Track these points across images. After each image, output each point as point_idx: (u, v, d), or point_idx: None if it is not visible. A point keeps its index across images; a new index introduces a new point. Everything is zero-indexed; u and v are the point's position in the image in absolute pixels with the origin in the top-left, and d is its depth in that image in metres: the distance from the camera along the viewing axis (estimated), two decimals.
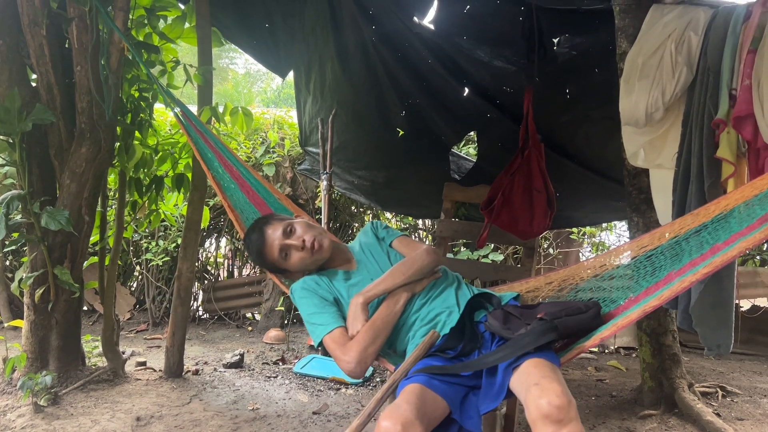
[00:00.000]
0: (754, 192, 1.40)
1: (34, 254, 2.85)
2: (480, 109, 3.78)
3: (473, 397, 1.62)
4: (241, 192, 2.39)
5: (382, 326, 1.76)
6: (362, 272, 1.98)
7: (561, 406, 1.34)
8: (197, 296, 5.14)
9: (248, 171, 2.45)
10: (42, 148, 2.90)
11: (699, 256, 1.50)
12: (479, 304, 1.88)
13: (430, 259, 1.91)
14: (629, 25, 2.65)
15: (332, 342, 1.74)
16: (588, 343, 1.61)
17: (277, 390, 3.25)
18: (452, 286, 1.92)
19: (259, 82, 19.74)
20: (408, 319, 1.83)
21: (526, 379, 1.45)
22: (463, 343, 1.72)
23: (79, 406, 2.76)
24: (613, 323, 1.63)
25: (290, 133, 5.21)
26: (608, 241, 5.34)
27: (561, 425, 1.33)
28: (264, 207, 2.39)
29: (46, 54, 2.77)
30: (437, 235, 3.91)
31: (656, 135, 2.49)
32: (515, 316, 1.71)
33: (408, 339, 1.83)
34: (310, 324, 1.83)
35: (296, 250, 1.95)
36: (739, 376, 3.64)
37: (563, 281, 2.00)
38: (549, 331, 1.56)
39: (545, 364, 1.49)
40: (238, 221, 2.30)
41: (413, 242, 2.09)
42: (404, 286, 1.85)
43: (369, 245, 2.08)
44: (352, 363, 1.68)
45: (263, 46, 3.78)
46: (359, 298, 1.80)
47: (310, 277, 1.96)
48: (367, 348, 1.70)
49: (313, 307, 1.84)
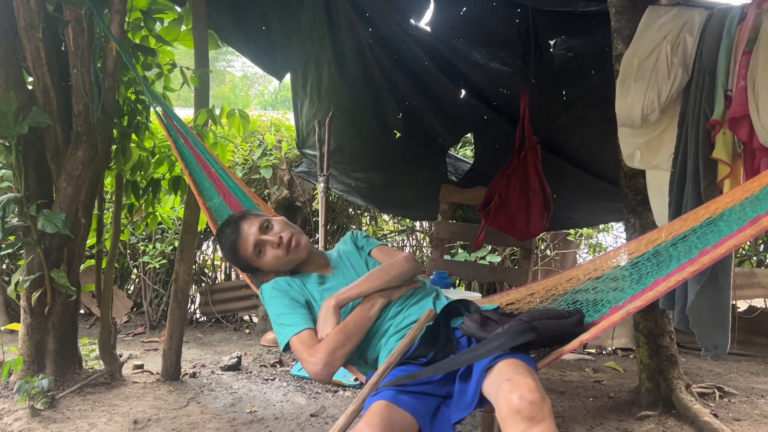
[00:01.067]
0: (745, 194, 1.38)
1: (31, 257, 2.85)
2: (476, 111, 3.79)
3: (445, 409, 1.53)
4: (218, 193, 2.39)
5: (354, 330, 1.69)
6: (338, 277, 1.91)
7: (534, 401, 1.25)
8: (194, 299, 5.13)
9: (227, 173, 2.45)
10: (38, 151, 2.90)
11: (687, 261, 1.46)
12: (457, 311, 1.78)
13: (409, 266, 1.85)
14: (625, 27, 2.66)
15: (299, 343, 1.66)
16: (566, 347, 1.52)
17: (275, 392, 3.24)
18: (430, 296, 1.86)
19: (257, 85, 19.75)
20: (382, 326, 1.76)
21: (499, 378, 1.37)
22: (436, 349, 1.63)
23: (76, 409, 2.75)
24: (594, 328, 1.54)
25: (287, 136, 5.21)
26: (605, 242, 5.35)
27: (533, 423, 1.24)
28: (239, 210, 2.38)
29: (43, 57, 2.77)
30: (434, 237, 3.92)
31: (652, 136, 2.49)
32: (493, 320, 1.64)
33: (380, 345, 1.75)
34: (277, 325, 1.74)
35: (272, 247, 1.88)
36: (737, 377, 3.65)
37: (546, 292, 1.92)
38: (527, 331, 1.46)
39: (520, 363, 1.40)
40: (212, 220, 2.28)
41: (393, 251, 2.03)
42: (381, 291, 1.78)
43: (347, 253, 2.02)
44: (318, 365, 1.61)
45: (260, 48, 3.79)
46: (332, 301, 1.73)
47: (282, 279, 1.88)
48: (336, 350, 1.63)
49: (282, 308, 1.77)
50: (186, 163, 2.42)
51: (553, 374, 3.71)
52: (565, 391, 3.35)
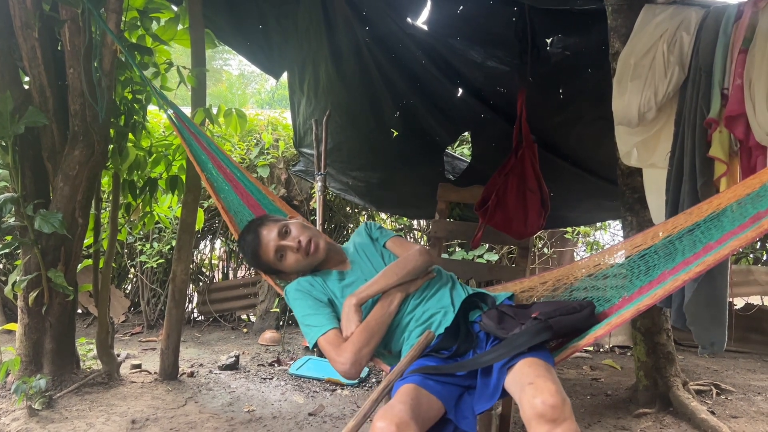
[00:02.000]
0: (746, 191, 1.41)
1: (28, 257, 2.85)
2: (474, 110, 3.79)
3: (468, 398, 1.62)
4: (235, 194, 2.38)
5: (376, 327, 1.76)
6: (356, 272, 1.98)
7: (555, 405, 1.34)
8: (192, 298, 5.12)
9: (242, 173, 2.44)
10: (35, 151, 2.89)
11: (692, 255, 1.51)
12: (474, 304, 1.87)
13: (423, 259, 1.91)
14: (622, 25, 2.66)
15: (327, 343, 1.74)
16: (582, 342, 1.62)
17: (273, 392, 3.24)
18: (447, 286, 1.92)
19: (253, 84, 19.70)
20: (402, 320, 1.83)
21: (521, 378, 1.46)
22: (457, 343, 1.72)
23: (73, 409, 2.75)
24: (606, 322, 1.63)
25: (284, 135, 5.21)
26: (603, 240, 5.35)
27: (555, 424, 1.34)
28: (258, 209, 2.38)
29: (39, 56, 2.76)
30: (432, 236, 3.91)
31: (649, 135, 2.50)
32: (510, 315, 1.72)
33: (403, 339, 1.83)
34: (304, 326, 1.83)
35: (292, 252, 1.95)
36: (734, 374, 3.66)
37: (558, 281, 2.00)
38: (543, 331, 1.56)
39: (540, 363, 1.49)
40: (232, 223, 2.30)
41: (407, 242, 2.09)
42: (398, 286, 1.85)
43: (363, 246, 2.08)
44: (347, 364, 1.68)
45: (257, 47, 3.78)
46: (352, 300, 1.80)
47: (304, 279, 1.96)
48: (362, 349, 1.70)
49: (308, 309, 1.84)
50: (202, 167, 2.40)
51: None
52: None
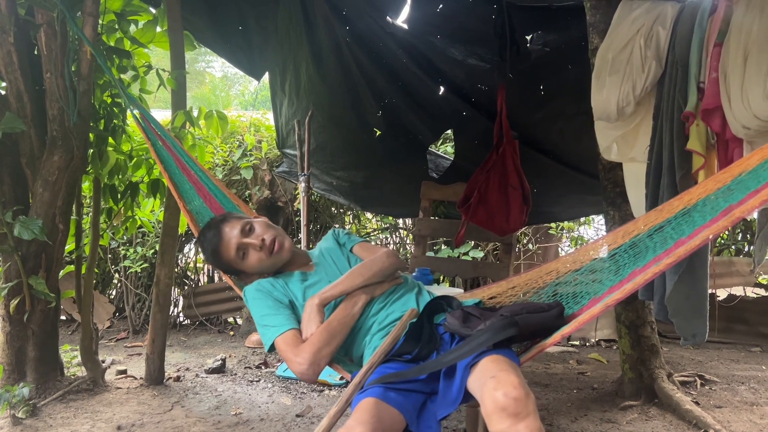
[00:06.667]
0: (717, 185, 1.40)
1: (8, 264, 2.81)
2: (455, 108, 3.80)
3: (431, 405, 1.55)
4: (198, 196, 2.37)
5: (338, 328, 1.69)
6: (320, 273, 1.92)
7: (518, 398, 1.27)
8: (177, 302, 5.09)
9: (206, 175, 2.45)
10: (13, 157, 2.86)
11: (663, 252, 1.48)
12: (439, 307, 1.80)
13: (390, 261, 1.86)
14: (600, 21, 2.68)
15: (284, 344, 1.66)
16: (549, 341, 1.53)
17: (260, 394, 3.23)
18: (412, 291, 1.87)
19: (237, 85, 19.61)
20: (365, 323, 1.77)
21: (483, 375, 1.38)
22: (420, 345, 1.65)
23: (58, 417, 2.73)
24: (575, 321, 1.54)
25: (267, 136, 5.19)
26: (587, 235, 5.39)
27: (518, 419, 1.25)
28: (220, 212, 2.36)
29: (15, 62, 2.73)
30: (416, 234, 3.93)
31: (628, 129, 2.52)
32: (475, 315, 1.64)
33: (365, 343, 1.77)
34: (261, 326, 1.74)
35: (254, 250, 1.88)
36: (717, 365, 3.70)
37: (526, 285, 1.94)
38: (509, 326, 1.48)
39: (503, 359, 1.42)
40: (194, 223, 2.24)
41: (374, 247, 2.04)
42: (363, 288, 1.78)
43: (329, 250, 2.02)
44: (304, 364, 1.60)
45: (237, 48, 3.76)
46: (315, 300, 1.73)
47: (265, 280, 1.88)
48: (322, 349, 1.63)
49: (266, 309, 1.76)
50: (165, 166, 2.39)
51: (538, 367, 3.74)
52: (549, 384, 3.37)
